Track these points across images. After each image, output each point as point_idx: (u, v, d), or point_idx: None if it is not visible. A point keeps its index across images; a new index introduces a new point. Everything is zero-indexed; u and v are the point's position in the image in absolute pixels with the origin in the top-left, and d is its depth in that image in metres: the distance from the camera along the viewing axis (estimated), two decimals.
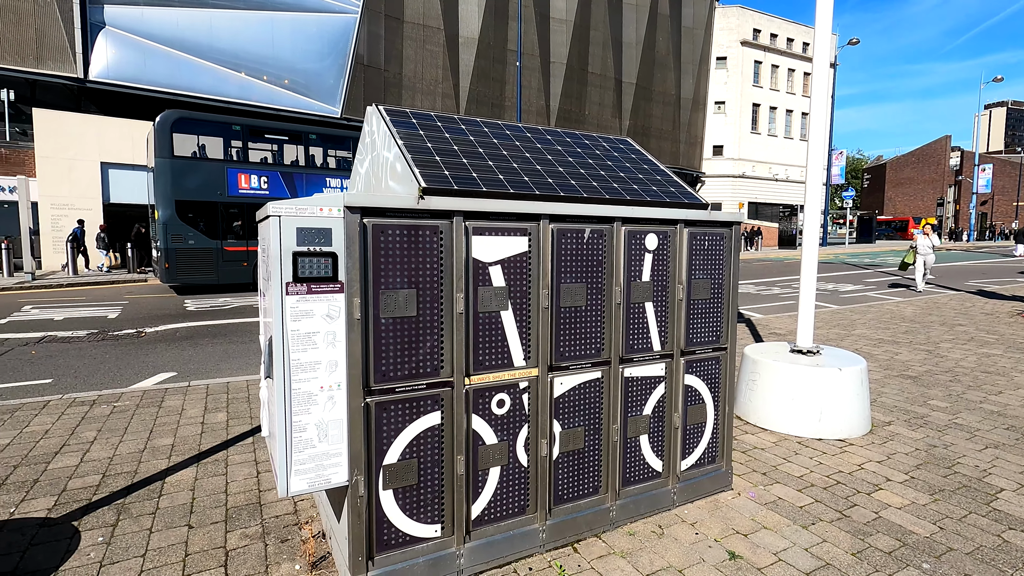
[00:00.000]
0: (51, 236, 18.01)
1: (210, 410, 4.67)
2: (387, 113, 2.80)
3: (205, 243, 13.64)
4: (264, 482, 3.39)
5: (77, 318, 9.71)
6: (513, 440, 2.56)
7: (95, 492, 3.24)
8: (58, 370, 6.25)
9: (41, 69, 19.41)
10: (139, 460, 3.68)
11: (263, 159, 14.89)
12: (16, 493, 3.22)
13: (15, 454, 3.74)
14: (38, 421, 4.36)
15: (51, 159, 18.06)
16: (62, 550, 2.66)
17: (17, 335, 8.16)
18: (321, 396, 2.15)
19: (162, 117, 13.13)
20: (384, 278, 2.22)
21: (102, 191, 18.88)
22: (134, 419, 4.44)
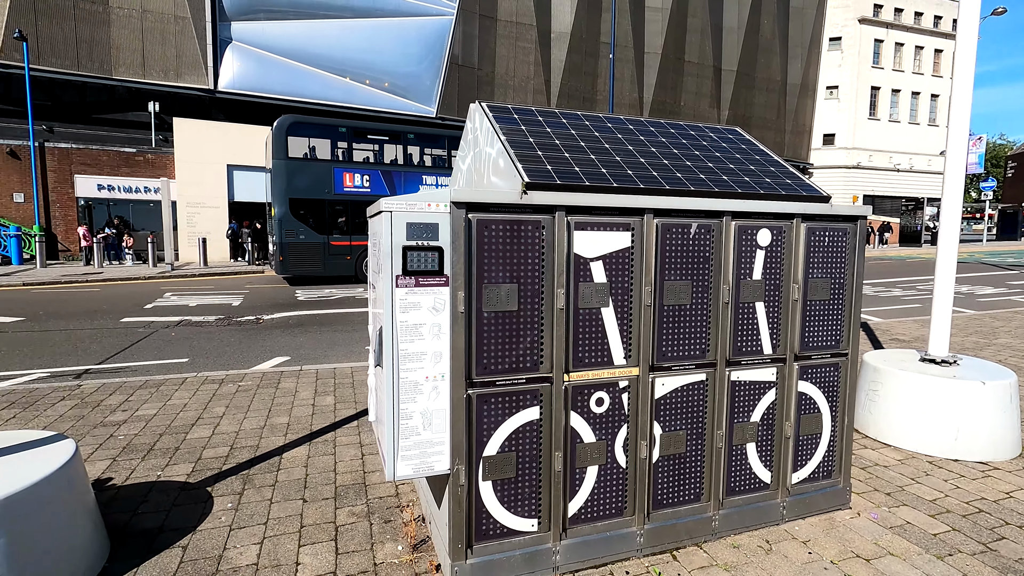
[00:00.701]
0: (186, 231, 20.22)
1: (319, 393, 5.02)
2: (490, 110, 2.84)
3: (314, 238, 14.70)
4: (368, 464, 3.59)
5: (207, 304, 10.83)
6: (611, 440, 2.51)
7: (224, 462, 3.59)
8: (192, 351, 7.01)
9: (180, 83, 21.81)
10: (260, 436, 4.03)
11: (365, 159, 15.75)
12: (162, 458, 3.64)
13: (160, 424, 4.24)
14: (178, 395, 4.91)
15: (187, 162, 20.26)
16: (199, 512, 2.98)
17: (160, 318, 9.25)
18: (426, 386, 2.22)
19: (279, 122, 14.28)
20: (487, 272, 2.25)
21: (228, 190, 20.90)
22: (255, 398, 4.87)
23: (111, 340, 7.55)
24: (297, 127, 14.60)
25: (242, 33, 22.82)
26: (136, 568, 2.49)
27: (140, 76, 21.32)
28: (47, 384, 5.27)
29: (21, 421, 4.25)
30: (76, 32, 20.31)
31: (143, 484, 3.28)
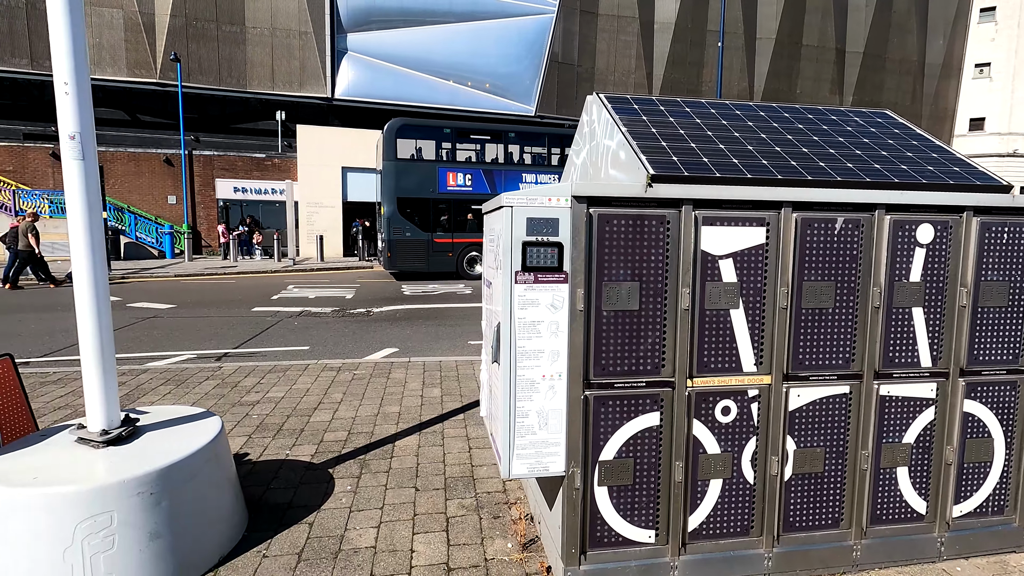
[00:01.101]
0: (306, 229, 21.96)
1: (427, 385, 5.19)
2: (609, 101, 2.73)
3: (419, 235, 15.35)
4: (475, 458, 3.63)
5: (324, 297, 11.67)
6: (738, 452, 2.32)
7: (343, 446, 3.80)
8: (312, 339, 7.56)
9: (303, 92, 23.73)
10: (374, 423, 4.23)
11: (468, 158, 16.17)
12: (289, 439, 3.93)
13: (287, 406, 4.59)
14: (301, 380, 5.30)
15: (308, 166, 22.00)
16: (322, 492, 3.16)
17: (284, 308, 10.09)
18: (543, 385, 2.18)
19: (389, 125, 15.05)
20: (607, 270, 2.16)
21: (342, 191, 22.42)
22: (369, 386, 5.13)
23: (244, 327, 8.35)
24: (405, 129, 15.30)
25: (357, 44, 24.34)
26: (270, 540, 2.68)
27: (269, 88, 23.46)
28: (194, 365, 5.92)
29: (174, 396, 4.80)
30: (218, 52, 22.76)
31: (274, 461, 3.56)
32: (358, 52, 24.37)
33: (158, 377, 5.37)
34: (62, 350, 6.75)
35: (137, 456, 2.35)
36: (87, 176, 2.37)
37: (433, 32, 24.88)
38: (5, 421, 2.88)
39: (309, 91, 23.80)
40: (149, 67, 21.99)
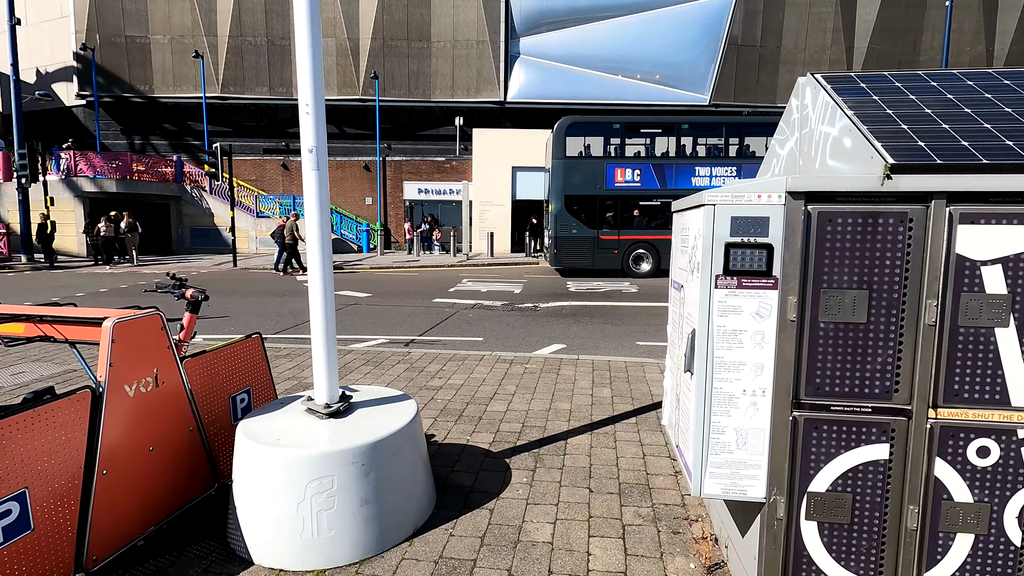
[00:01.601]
0: (478, 226, 23.38)
1: (596, 384, 5.14)
2: (828, 81, 2.39)
3: (585, 232, 15.37)
4: (651, 465, 3.49)
5: (495, 291, 12.30)
6: (999, 505, 1.87)
7: (518, 437, 3.93)
8: (485, 331, 7.99)
9: (478, 98, 25.25)
10: (546, 418, 4.31)
11: (636, 153, 15.74)
12: (469, 425, 4.18)
13: (466, 394, 4.90)
14: (478, 371, 5.62)
15: (481, 167, 23.38)
16: (500, 480, 3.30)
17: (460, 301, 10.85)
18: (743, 400, 1.99)
19: (559, 124, 15.29)
20: (827, 275, 1.89)
21: (511, 190, 23.41)
22: (540, 381, 5.25)
23: (427, 316, 9.15)
24: (575, 127, 15.40)
25: (529, 47, 25.15)
26: (456, 520, 2.87)
27: (449, 96, 25.39)
28: (387, 348, 6.63)
29: (373, 377, 5.41)
30: (408, 67, 25.24)
31: (457, 445, 3.81)
32: (530, 55, 25.17)
33: (360, 358, 6.11)
34: (289, 329, 8.06)
35: (353, 429, 2.67)
36: (320, 183, 2.74)
37: (602, 28, 24.68)
38: (256, 389, 3.49)
39: (484, 96, 25.24)
40: (354, 86, 25.23)
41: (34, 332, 2.65)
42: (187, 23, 25.30)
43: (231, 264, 18.08)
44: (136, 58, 25.61)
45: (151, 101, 25.97)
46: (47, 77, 26.91)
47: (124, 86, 25.80)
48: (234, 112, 26.07)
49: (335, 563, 2.48)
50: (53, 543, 2.24)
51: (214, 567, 2.48)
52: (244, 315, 9.19)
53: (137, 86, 25.78)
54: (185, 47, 25.18)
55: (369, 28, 24.89)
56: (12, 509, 2.08)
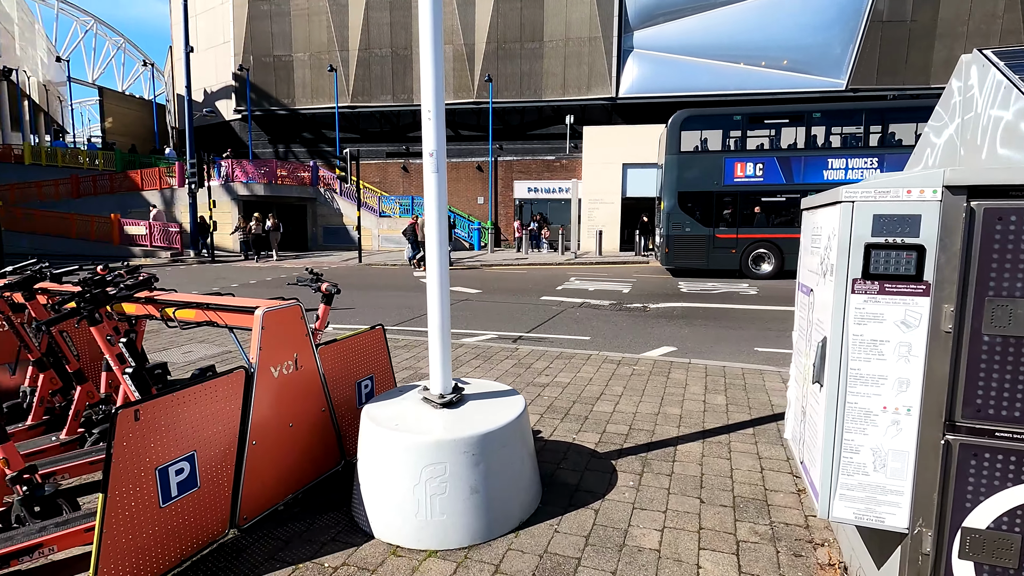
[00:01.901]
0: (587, 224, 23.20)
1: (710, 391, 4.90)
2: (1000, 57, 2.08)
3: (699, 230, 14.66)
4: (769, 480, 3.26)
5: (602, 290, 12.15)
6: None
7: (625, 440, 3.87)
8: (592, 330, 7.93)
9: (589, 95, 25.03)
10: (655, 422, 4.19)
11: (759, 146, 14.72)
12: (575, 423, 4.18)
13: (572, 392, 4.90)
14: (584, 370, 5.60)
15: (591, 164, 23.17)
16: (606, 482, 3.27)
17: (567, 299, 10.86)
18: (882, 418, 1.79)
19: (673, 118, 14.71)
20: (995, 281, 1.64)
21: (621, 187, 22.95)
22: (648, 384, 5.11)
23: (534, 314, 9.27)
24: (691, 121, 14.74)
25: (642, 40, 24.47)
26: (561, 517, 2.89)
27: (560, 95, 25.43)
28: (496, 344, 6.82)
29: (482, 371, 5.60)
30: (520, 68, 25.67)
31: (562, 443, 3.83)
32: (643, 48, 24.46)
33: (470, 352, 6.34)
34: (407, 321, 8.58)
35: (464, 420, 2.79)
36: (439, 185, 2.89)
37: (721, 15, 23.30)
38: (378, 376, 3.76)
39: (595, 93, 24.97)
40: (468, 89, 26.16)
41: (202, 317, 3.08)
42: (324, 40, 27.79)
43: (356, 260, 19.60)
44: (281, 75, 28.62)
45: (293, 113, 28.89)
46: (212, 96, 30.96)
47: (271, 100, 28.96)
48: (361, 119, 28.20)
49: (446, 545, 2.61)
50: (214, 500, 2.60)
51: (341, 536, 2.72)
52: (368, 307, 9.93)
53: (282, 100, 28.81)
54: (322, 62, 27.68)
55: (484, 33, 25.66)
56: (184, 468, 2.44)
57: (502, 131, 26.38)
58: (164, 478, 2.35)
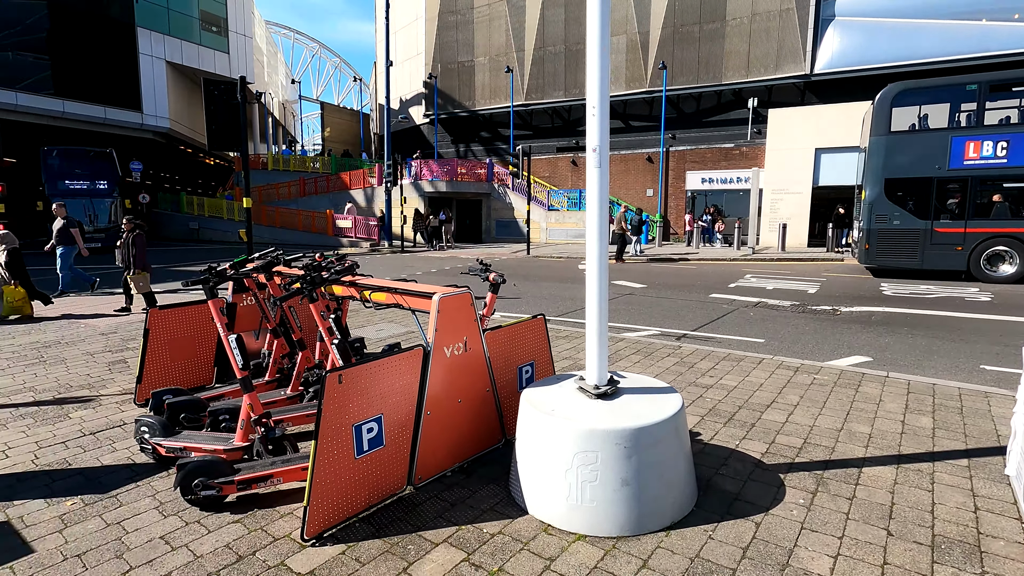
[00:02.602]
0: (768, 217, 21.19)
1: (912, 410, 4.22)
2: None
3: (912, 223, 12.47)
4: (984, 523, 2.73)
5: (783, 289, 11.04)
6: None
7: (797, 453, 3.53)
8: (767, 333, 7.28)
9: (777, 75, 22.70)
10: (836, 439, 3.75)
11: (1003, 120, 11.99)
12: (739, 430, 3.93)
13: (739, 397, 4.60)
14: (755, 374, 5.20)
15: (776, 151, 21.05)
16: (771, 495, 3.04)
17: (740, 297, 10.09)
18: None
19: (882, 94, 12.67)
20: None
21: (813, 175, 20.47)
22: (831, 396, 4.57)
23: (701, 311, 8.80)
24: (905, 95, 12.55)
25: (845, 6, 21.44)
26: (717, 524, 2.77)
27: (743, 77, 23.48)
28: (658, 340, 6.65)
29: (641, 366, 5.52)
30: (698, 52, 24.25)
31: (723, 448, 3.64)
32: (847, 15, 21.41)
33: (630, 347, 6.28)
34: (569, 313, 8.77)
35: (618, 412, 2.82)
36: (601, 180, 2.94)
37: None
38: (538, 363, 3.95)
39: (784, 72, 22.57)
40: (641, 79, 25.50)
41: (390, 300, 3.55)
42: (502, 43, 29.31)
43: (525, 252, 20.45)
44: (464, 79, 30.89)
45: (472, 114, 31.03)
46: (405, 103, 34.66)
47: (454, 103, 31.44)
48: (534, 116, 29.21)
49: (594, 532, 2.68)
50: (396, 459, 3.00)
51: (498, 507, 2.95)
52: (533, 298, 10.35)
53: (463, 102, 31.11)
54: (499, 64, 29.24)
55: (660, 19, 24.74)
56: (374, 427, 2.86)
57: (676, 120, 25.26)
58: (359, 434, 2.79)
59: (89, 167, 21.48)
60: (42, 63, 26.53)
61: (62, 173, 20.74)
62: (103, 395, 4.75)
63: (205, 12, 32.41)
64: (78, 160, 21.43)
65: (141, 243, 8.35)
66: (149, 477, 3.30)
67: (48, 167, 20.49)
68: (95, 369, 5.53)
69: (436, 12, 31.43)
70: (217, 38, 33.16)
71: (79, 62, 27.55)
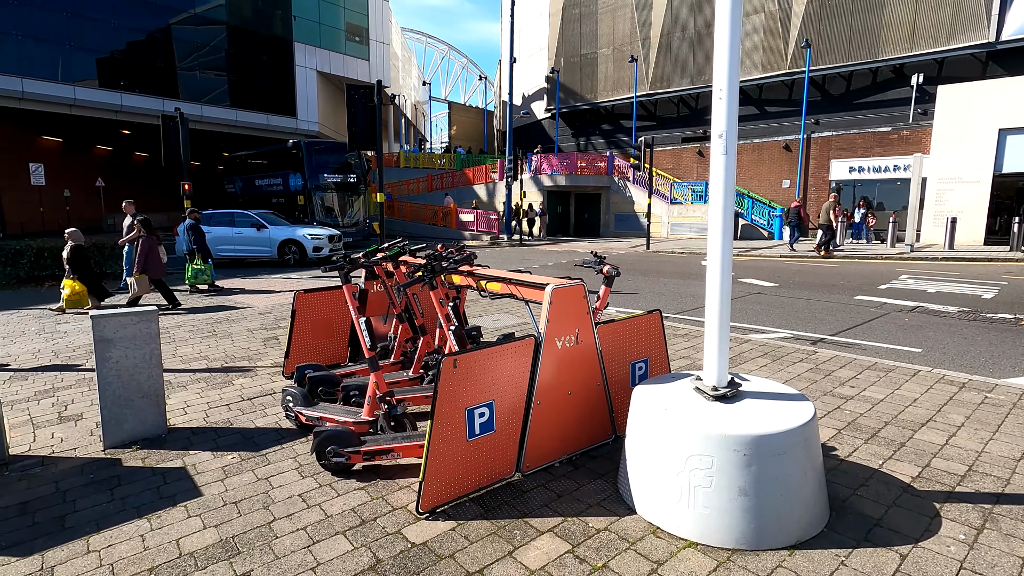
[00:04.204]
0: (932, 210, 18.45)
1: None
2: None
3: None
4: None
5: (949, 293, 9.56)
6: None
7: (959, 481, 3.05)
8: (927, 342, 6.35)
9: (950, 46, 19.59)
10: (1012, 468, 3.18)
11: None
12: (884, 448, 3.49)
13: (886, 412, 4.07)
14: (907, 387, 4.57)
15: (945, 133, 18.23)
16: (922, 526, 2.66)
17: (893, 301, 8.91)
18: None
19: None
20: None
21: (994, 161, 17.44)
22: (1008, 418, 3.88)
23: (843, 314, 7.91)
24: None
25: None
26: (851, 550, 2.48)
27: (906, 51, 20.58)
28: (789, 344, 6.09)
29: (768, 371, 5.10)
30: (851, 25, 21.67)
31: (863, 467, 3.25)
32: None
33: (756, 349, 5.83)
34: (689, 310, 8.36)
35: (737, 417, 2.64)
36: (727, 169, 2.75)
37: None
38: (652, 360, 3.82)
39: (960, 42, 19.40)
40: (780, 60, 23.39)
41: (505, 290, 3.63)
42: (627, 32, 28.53)
43: (644, 247, 19.83)
44: (586, 71, 30.57)
45: (594, 107, 30.62)
46: (528, 99, 35.13)
47: (576, 96, 31.25)
48: (658, 106, 28.10)
49: (706, 540, 2.54)
50: (505, 445, 3.07)
51: (605, 503, 2.90)
52: (651, 293, 10.01)
53: (585, 95, 30.81)
54: (623, 54, 28.51)
55: None
56: (485, 412, 2.95)
57: (819, 103, 22.84)
58: (471, 418, 2.90)
59: (341, 161, 21.46)
60: (220, 79, 30.78)
61: (320, 166, 20.64)
62: (258, 366, 5.42)
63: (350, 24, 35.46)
64: (332, 155, 21.44)
65: (145, 247, 8.36)
66: (292, 441, 3.71)
67: (308, 160, 20.32)
68: (253, 343, 6.33)
69: (560, 6, 31.40)
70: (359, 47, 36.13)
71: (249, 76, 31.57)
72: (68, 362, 5.67)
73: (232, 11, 30.98)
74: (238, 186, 24.10)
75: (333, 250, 15.46)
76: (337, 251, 15.56)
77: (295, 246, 15.00)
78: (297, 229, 15.42)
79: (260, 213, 16.04)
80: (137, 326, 3.72)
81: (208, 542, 2.61)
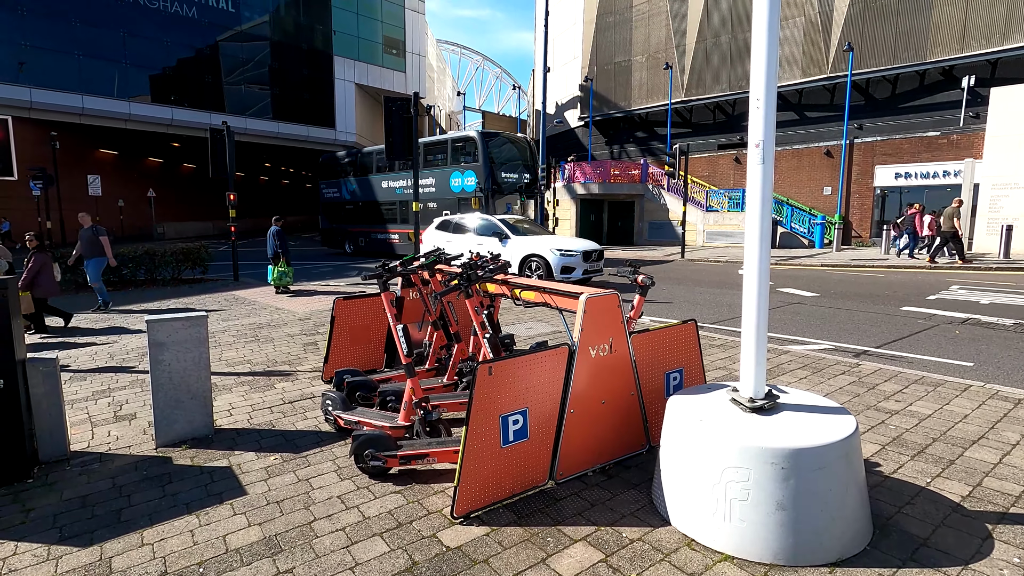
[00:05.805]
0: (985, 217, 17.62)
1: None
2: None
3: None
4: None
5: (1004, 305, 9.11)
6: None
7: (1014, 503, 2.92)
8: (979, 355, 6.08)
9: (1006, 45, 18.77)
10: None
11: None
12: (932, 466, 3.36)
13: (934, 428, 3.92)
14: (957, 402, 4.39)
15: (999, 137, 17.41)
16: (972, 547, 2.55)
17: (943, 312, 8.55)
18: None
19: None
20: None
21: None
22: None
23: (889, 326, 7.63)
24: None
25: None
26: (895, 569, 2.41)
27: (957, 52, 19.81)
28: (831, 356, 5.92)
29: (808, 383, 4.97)
30: (896, 27, 21.01)
31: (909, 484, 3.14)
32: None
33: (796, 361, 5.70)
34: (725, 320, 8.21)
35: (775, 430, 2.60)
36: (764, 178, 2.72)
37: None
38: (687, 370, 3.79)
39: (1015, 41, 18.56)
40: (821, 64, 22.83)
41: (539, 299, 3.67)
42: (661, 39, 28.34)
43: (679, 255, 19.56)
44: (620, 79, 30.47)
45: (628, 114, 30.46)
46: (561, 108, 35.21)
47: (610, 104, 31.15)
48: (694, 113, 27.76)
49: (742, 554, 2.50)
50: (538, 452, 3.10)
51: (639, 514, 2.89)
52: (686, 303, 9.87)
53: (619, 103, 30.68)
54: (658, 61, 28.31)
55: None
56: (519, 419, 2.99)
57: (862, 107, 22.16)
58: (505, 424, 2.94)
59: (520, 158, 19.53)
60: (264, 93, 31.96)
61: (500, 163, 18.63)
62: (299, 371, 5.60)
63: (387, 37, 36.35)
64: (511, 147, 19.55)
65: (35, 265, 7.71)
66: (331, 443, 3.82)
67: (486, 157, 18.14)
68: (294, 348, 6.53)
69: (594, 15, 31.45)
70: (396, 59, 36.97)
71: (290, 89, 32.68)
72: (122, 364, 5.97)
73: (275, 27, 32.18)
74: (347, 190, 21.86)
75: (589, 271, 11.65)
76: (595, 271, 11.87)
77: (537, 261, 11.61)
78: (544, 241, 12.00)
79: (503, 219, 13.26)
80: (188, 330, 3.90)
81: (252, 539, 2.72)
